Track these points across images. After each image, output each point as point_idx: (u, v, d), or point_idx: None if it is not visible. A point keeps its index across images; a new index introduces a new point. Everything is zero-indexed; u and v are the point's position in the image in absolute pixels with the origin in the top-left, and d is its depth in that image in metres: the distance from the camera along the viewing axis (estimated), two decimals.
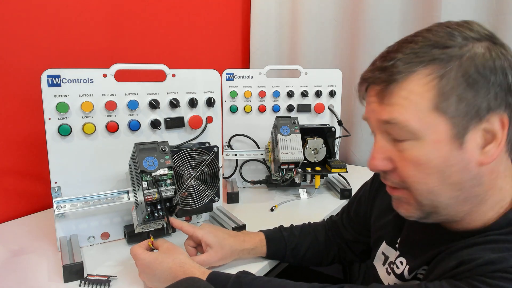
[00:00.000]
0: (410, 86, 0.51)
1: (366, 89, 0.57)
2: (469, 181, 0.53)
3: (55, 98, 0.82)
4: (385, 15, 1.48)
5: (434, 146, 0.51)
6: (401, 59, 0.52)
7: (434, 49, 0.51)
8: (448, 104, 0.50)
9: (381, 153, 0.56)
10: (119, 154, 0.89)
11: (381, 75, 0.53)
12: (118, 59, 0.92)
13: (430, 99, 0.50)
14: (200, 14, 1.59)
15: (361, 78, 0.57)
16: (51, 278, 0.78)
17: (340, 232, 0.89)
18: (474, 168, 0.52)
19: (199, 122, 0.98)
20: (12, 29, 1.03)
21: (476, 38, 0.51)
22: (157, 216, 0.82)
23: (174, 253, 0.74)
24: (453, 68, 0.49)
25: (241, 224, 0.96)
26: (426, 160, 0.52)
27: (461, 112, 0.50)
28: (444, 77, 0.50)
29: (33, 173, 1.12)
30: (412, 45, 0.52)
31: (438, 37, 0.51)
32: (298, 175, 1.22)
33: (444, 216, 0.56)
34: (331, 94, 1.30)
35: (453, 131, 0.50)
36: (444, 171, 0.52)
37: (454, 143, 0.51)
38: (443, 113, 0.50)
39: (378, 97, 0.54)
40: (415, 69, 0.51)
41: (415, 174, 0.54)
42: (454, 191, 0.53)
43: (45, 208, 1.13)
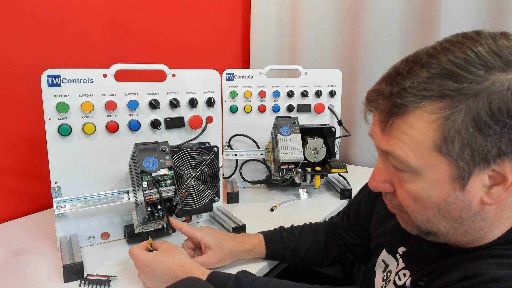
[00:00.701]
0: (413, 121, 0.46)
1: (369, 109, 0.53)
2: (471, 217, 0.50)
3: (55, 98, 0.82)
4: (385, 15, 1.48)
5: (434, 185, 0.48)
6: (407, 89, 0.46)
7: (447, 81, 0.44)
8: (452, 147, 0.45)
9: (382, 175, 0.54)
10: (119, 154, 0.89)
11: (384, 104, 0.49)
12: (118, 59, 0.92)
13: (432, 139, 0.46)
14: (200, 14, 1.59)
15: (366, 97, 0.53)
16: (51, 278, 0.78)
17: (340, 234, 0.89)
18: (477, 207, 0.49)
19: (199, 122, 0.98)
20: (12, 29, 1.03)
21: (503, 67, 0.44)
22: (157, 216, 0.82)
23: (174, 252, 0.74)
24: (462, 109, 0.44)
25: (241, 224, 0.96)
26: (424, 196, 0.50)
27: (465, 157, 0.45)
28: (450, 119, 0.44)
29: (33, 173, 1.12)
30: (423, 72, 0.46)
31: (455, 66, 0.44)
32: (298, 175, 1.22)
33: (443, 240, 0.54)
34: (331, 94, 1.30)
35: (455, 173, 0.47)
36: (443, 207, 0.50)
37: (456, 184, 0.47)
38: (445, 155, 0.46)
39: (380, 124, 0.50)
40: (420, 104, 0.46)
41: (412, 205, 0.52)
42: (454, 223, 0.51)
43: (45, 208, 1.13)
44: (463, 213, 0.49)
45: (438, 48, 0.47)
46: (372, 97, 0.51)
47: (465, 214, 0.50)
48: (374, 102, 0.51)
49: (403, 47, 1.48)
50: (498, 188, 0.47)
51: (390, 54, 1.50)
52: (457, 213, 0.50)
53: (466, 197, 0.48)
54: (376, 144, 0.53)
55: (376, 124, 0.52)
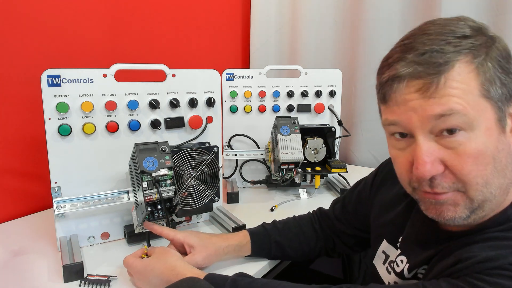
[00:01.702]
0: (457, 75, 0.50)
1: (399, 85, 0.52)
2: (510, 164, 0.54)
3: (55, 98, 0.82)
4: (385, 15, 1.48)
5: (487, 133, 0.51)
6: (439, 50, 0.50)
7: (465, 39, 0.51)
8: (492, 90, 0.51)
9: (431, 155, 0.51)
10: (119, 154, 0.89)
11: (424, 68, 0.50)
12: (118, 59, 0.92)
13: (477, 86, 0.50)
14: (200, 14, 1.59)
15: (393, 75, 0.52)
16: (51, 278, 0.78)
17: (332, 224, 0.88)
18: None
19: (199, 122, 0.98)
20: (12, 29, 1.03)
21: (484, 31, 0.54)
22: (157, 216, 0.82)
23: (164, 256, 0.73)
24: (487, 56, 0.51)
25: (241, 224, 0.96)
26: (484, 149, 0.51)
27: (502, 96, 0.51)
28: (484, 65, 0.50)
29: (33, 173, 1.12)
30: (443, 37, 0.51)
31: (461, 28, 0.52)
32: (298, 175, 1.22)
33: (486, 211, 0.54)
34: (331, 94, 1.30)
35: (498, 115, 0.51)
36: (496, 158, 0.52)
37: (499, 127, 0.52)
38: (490, 99, 0.51)
39: (422, 92, 0.50)
40: (457, 58, 0.50)
41: (473, 167, 0.51)
42: (502, 178, 0.53)
43: (45, 208, 1.13)
44: (507, 160, 0.53)
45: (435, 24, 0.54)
46: (405, 70, 0.51)
47: (508, 162, 0.53)
48: (411, 73, 0.51)
49: None
50: None
51: None
52: (505, 161, 0.53)
53: (507, 140, 0.53)
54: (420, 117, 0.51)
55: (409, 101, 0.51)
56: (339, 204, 0.89)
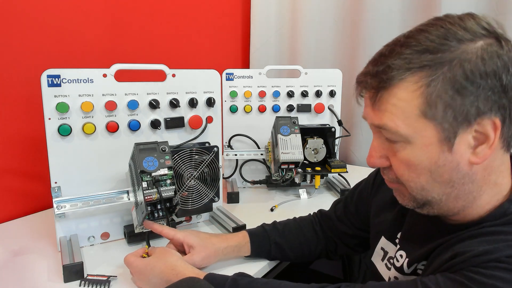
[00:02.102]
0: (398, 93, 0.52)
1: (360, 92, 0.59)
2: (460, 179, 0.54)
3: (55, 98, 0.82)
4: (385, 15, 1.48)
5: (424, 149, 0.53)
6: (391, 66, 0.52)
7: (425, 54, 0.51)
8: (435, 111, 0.51)
9: (377, 151, 0.59)
10: (119, 154, 0.89)
11: (372, 81, 0.55)
12: (118, 59, 0.92)
13: (417, 106, 0.51)
14: (200, 14, 1.59)
15: (356, 81, 0.59)
16: (51, 278, 0.78)
17: (334, 225, 0.88)
18: (465, 167, 0.53)
19: (199, 122, 0.98)
20: (12, 29, 1.03)
21: (471, 37, 0.51)
22: (157, 216, 0.82)
23: (165, 256, 0.74)
24: (440, 75, 0.50)
25: (241, 224, 0.96)
26: (416, 162, 0.54)
27: (448, 118, 0.51)
28: (431, 85, 0.50)
29: (33, 173, 1.12)
30: (403, 50, 0.52)
31: (430, 41, 0.51)
32: (298, 175, 1.22)
33: (437, 210, 0.58)
34: (331, 94, 1.30)
35: (441, 135, 0.52)
36: (434, 171, 0.54)
37: (444, 146, 0.52)
38: (430, 119, 0.51)
39: (370, 101, 0.56)
40: (403, 76, 0.51)
41: (407, 173, 0.56)
42: (446, 188, 0.55)
43: (45, 208, 1.13)
44: (453, 175, 0.54)
45: (413, 30, 0.55)
46: (361, 79, 0.58)
47: (455, 176, 0.54)
48: (363, 83, 0.57)
49: None
50: (482, 147, 0.52)
51: None
52: (448, 176, 0.54)
53: (454, 158, 0.53)
54: (369, 123, 0.58)
55: (367, 104, 0.58)
56: (340, 204, 0.89)
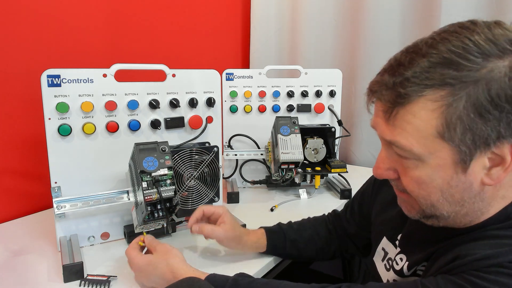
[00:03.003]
0: (415, 110, 0.48)
1: (373, 101, 0.55)
2: (471, 198, 0.52)
3: (55, 98, 0.82)
4: (385, 15, 1.48)
5: (437, 169, 0.51)
6: (410, 79, 0.48)
7: (447, 69, 0.46)
8: (454, 133, 0.47)
9: (386, 163, 0.57)
10: (119, 154, 0.89)
11: (388, 94, 0.50)
12: (118, 59, 0.92)
13: (434, 126, 0.48)
14: (200, 14, 1.59)
15: (368, 88, 0.54)
16: (51, 278, 0.78)
17: (343, 225, 0.89)
18: (477, 188, 0.52)
19: (199, 122, 0.98)
20: (12, 29, 1.03)
21: (499, 54, 0.46)
22: (157, 216, 0.82)
23: (168, 256, 0.72)
24: (463, 96, 0.46)
25: (241, 224, 0.96)
26: (428, 181, 0.52)
27: (467, 141, 0.48)
28: (452, 106, 0.46)
29: (33, 173, 1.12)
30: (424, 62, 0.48)
31: (453, 54, 0.46)
32: (298, 175, 1.22)
33: (443, 223, 0.57)
34: (331, 94, 1.30)
35: (457, 157, 0.49)
36: (446, 191, 0.52)
37: (458, 167, 0.50)
38: (447, 141, 0.48)
39: (384, 115, 0.52)
40: (423, 93, 0.47)
41: (417, 190, 0.54)
42: (456, 207, 0.54)
43: (45, 208, 1.13)
44: (465, 195, 0.52)
45: (437, 38, 0.49)
46: (376, 88, 0.52)
47: (467, 196, 0.52)
48: (377, 93, 0.52)
49: (403, 47, 1.48)
50: (497, 169, 0.50)
51: (390, 54, 1.49)
52: (459, 196, 0.52)
53: (467, 179, 0.50)
54: (379, 134, 0.55)
55: (379, 115, 0.53)
56: (349, 206, 0.90)
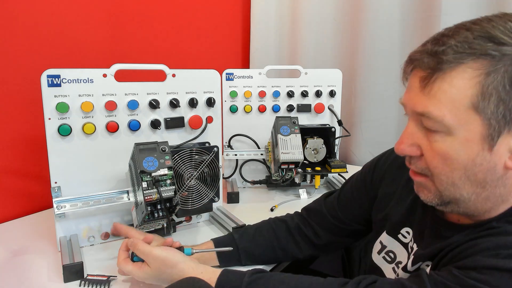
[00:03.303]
0: (453, 78, 0.49)
1: (411, 70, 0.55)
2: (494, 181, 0.52)
3: (55, 98, 0.82)
4: (385, 15, 1.48)
5: (465, 144, 0.51)
6: (453, 47, 0.49)
7: (489, 42, 0.48)
8: (487, 105, 0.48)
9: (411, 139, 0.56)
10: (119, 154, 0.89)
11: (429, 60, 0.51)
12: (118, 59, 0.92)
13: (470, 96, 0.49)
14: (200, 14, 1.59)
15: (408, 57, 0.55)
16: (51, 278, 0.78)
17: (322, 219, 0.85)
18: (501, 171, 0.52)
19: (199, 122, 0.98)
20: (12, 29, 1.03)
21: None
22: (157, 216, 0.82)
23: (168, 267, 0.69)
24: (502, 67, 0.47)
25: (241, 224, 0.96)
26: (454, 155, 0.52)
27: (498, 115, 0.48)
28: (491, 75, 0.48)
29: (33, 173, 1.12)
30: (467, 34, 0.50)
31: (496, 31, 0.49)
32: (298, 175, 1.22)
33: (463, 209, 0.56)
34: (331, 94, 1.30)
35: (486, 132, 0.49)
36: (470, 169, 0.52)
37: (485, 144, 0.50)
38: (479, 113, 0.49)
39: (421, 83, 0.52)
40: (464, 60, 0.49)
41: (440, 166, 0.53)
42: (477, 188, 0.53)
43: (45, 208, 1.13)
44: (488, 176, 0.52)
45: (481, 18, 0.52)
46: (417, 56, 0.53)
47: (489, 178, 0.52)
48: (418, 61, 0.53)
49: (403, 47, 1.48)
50: None
51: (390, 54, 1.50)
52: (482, 176, 0.52)
53: (492, 159, 0.51)
54: (410, 108, 0.55)
55: (412, 89, 0.54)
56: (331, 198, 0.86)
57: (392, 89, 1.51)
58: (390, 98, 1.53)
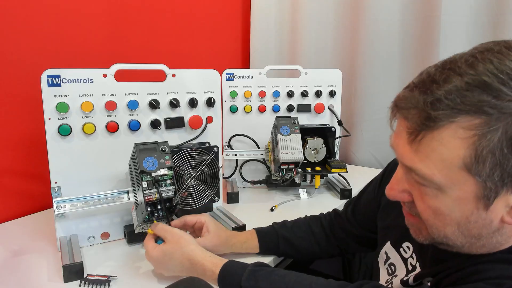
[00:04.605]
0: (444, 136, 0.43)
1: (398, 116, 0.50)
2: (489, 234, 0.49)
3: (55, 98, 0.82)
4: (385, 15, 1.48)
5: (457, 202, 0.47)
6: (443, 100, 0.43)
7: (486, 95, 0.41)
8: (482, 167, 0.43)
9: (401, 185, 0.53)
10: (119, 154, 0.89)
11: (416, 114, 0.45)
12: (118, 59, 0.92)
13: (462, 157, 0.43)
14: (200, 14, 1.59)
15: (394, 102, 0.50)
16: (51, 278, 0.78)
17: (344, 225, 0.88)
18: (497, 224, 0.48)
19: (199, 122, 0.98)
20: (12, 29, 1.03)
21: None
22: (157, 216, 0.82)
23: (181, 245, 0.73)
24: (500, 128, 0.41)
25: (241, 224, 0.96)
26: (446, 212, 0.48)
27: (494, 178, 0.43)
28: (486, 137, 0.41)
29: (33, 173, 1.12)
30: (460, 82, 0.43)
31: (495, 78, 0.41)
32: (298, 175, 1.22)
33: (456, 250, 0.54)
34: (331, 94, 1.30)
35: (481, 193, 0.45)
36: (463, 225, 0.48)
37: (480, 203, 0.46)
38: (473, 175, 0.44)
39: (407, 135, 0.47)
40: (455, 118, 0.42)
41: (432, 219, 0.50)
42: (471, 239, 0.50)
43: (45, 208, 1.13)
44: (483, 230, 0.48)
45: (478, 57, 0.44)
46: (403, 105, 0.47)
47: (485, 232, 0.48)
48: (404, 111, 0.47)
49: (403, 47, 1.48)
50: None
51: (390, 54, 1.50)
52: (477, 231, 0.48)
53: (488, 216, 0.47)
54: (399, 157, 0.50)
55: (401, 136, 0.48)
56: (350, 205, 0.89)
57: (392, 89, 1.51)
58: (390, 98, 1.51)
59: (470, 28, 1.33)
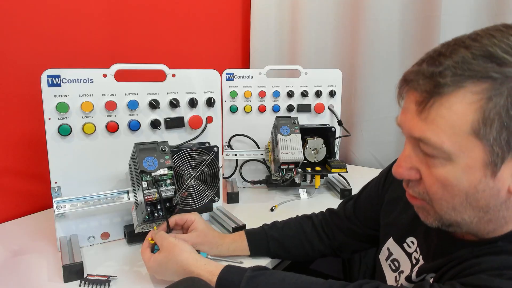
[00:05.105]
0: (452, 103, 0.46)
1: (406, 91, 0.52)
2: (497, 206, 0.50)
3: (55, 98, 0.82)
4: (385, 15, 1.48)
5: (466, 171, 0.48)
6: (451, 68, 0.46)
7: (490, 63, 0.45)
8: (489, 131, 0.45)
9: (408, 162, 0.53)
10: (119, 154, 0.89)
11: (425, 83, 0.48)
12: (118, 59, 0.92)
13: (470, 122, 0.45)
14: (200, 14, 1.59)
15: (403, 77, 0.52)
16: (51, 278, 0.78)
17: (341, 223, 0.87)
18: (504, 195, 0.49)
19: (199, 122, 0.98)
20: (12, 29, 1.03)
21: None
22: (157, 216, 0.82)
23: (175, 253, 0.72)
24: (505, 91, 0.44)
25: (241, 224, 0.96)
26: (454, 182, 0.49)
27: (501, 141, 0.45)
28: (493, 100, 0.44)
29: (33, 173, 1.12)
30: (466, 53, 0.46)
31: (498, 49, 0.45)
32: (298, 175, 1.22)
33: (466, 230, 0.54)
34: (331, 94, 1.30)
35: (489, 159, 0.46)
36: (472, 195, 0.49)
37: (488, 170, 0.47)
38: (481, 139, 0.46)
39: (417, 107, 0.49)
40: (463, 84, 0.45)
41: (440, 192, 0.51)
42: (479, 212, 0.51)
43: (45, 208, 1.13)
44: (491, 201, 0.49)
45: (481, 33, 0.48)
46: (412, 77, 0.50)
47: (492, 203, 0.50)
48: (414, 82, 0.49)
49: (403, 47, 1.48)
50: None
51: (390, 54, 1.50)
52: (485, 202, 0.50)
53: (495, 185, 0.48)
54: (407, 131, 0.52)
55: (409, 109, 0.51)
56: (350, 203, 0.88)
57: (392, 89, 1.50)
58: (390, 98, 1.52)
59: (470, 28, 1.31)
